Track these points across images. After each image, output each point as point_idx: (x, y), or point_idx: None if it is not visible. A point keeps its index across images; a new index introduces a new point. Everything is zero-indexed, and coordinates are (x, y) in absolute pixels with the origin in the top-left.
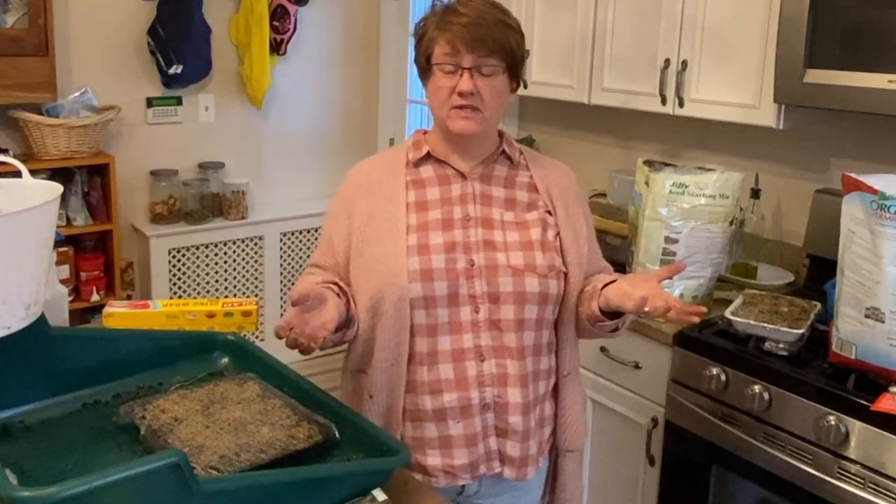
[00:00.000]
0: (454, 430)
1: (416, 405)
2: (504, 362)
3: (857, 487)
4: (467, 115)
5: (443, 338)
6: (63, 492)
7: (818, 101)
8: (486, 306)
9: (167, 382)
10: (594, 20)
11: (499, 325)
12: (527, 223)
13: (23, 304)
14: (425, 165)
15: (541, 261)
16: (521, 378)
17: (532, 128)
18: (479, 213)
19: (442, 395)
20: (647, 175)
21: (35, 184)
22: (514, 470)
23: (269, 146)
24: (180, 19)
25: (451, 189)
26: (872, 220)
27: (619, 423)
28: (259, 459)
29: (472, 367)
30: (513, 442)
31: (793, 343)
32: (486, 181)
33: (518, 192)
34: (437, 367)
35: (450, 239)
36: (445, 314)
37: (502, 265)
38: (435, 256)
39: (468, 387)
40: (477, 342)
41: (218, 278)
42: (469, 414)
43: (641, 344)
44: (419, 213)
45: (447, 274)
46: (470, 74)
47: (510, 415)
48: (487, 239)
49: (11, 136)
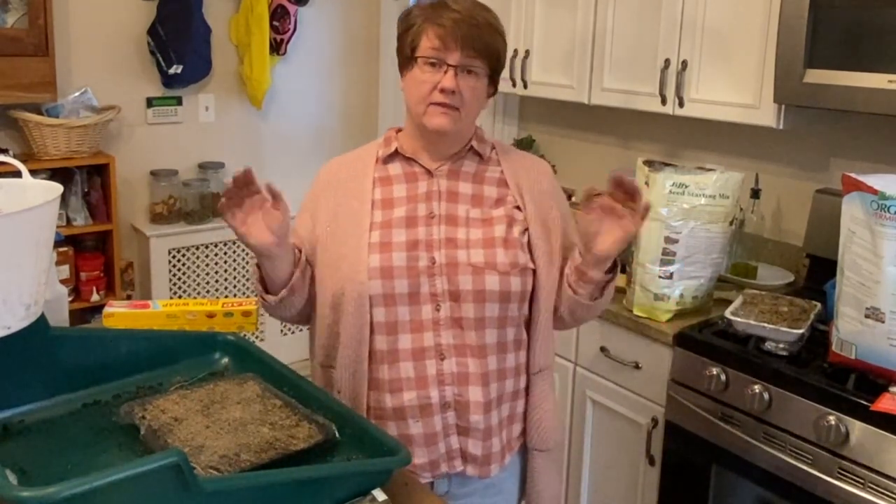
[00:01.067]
0: (414, 429)
1: (378, 403)
2: (465, 361)
3: (857, 487)
4: (445, 111)
5: (403, 336)
6: (63, 492)
7: (818, 101)
8: (447, 304)
9: (167, 382)
10: (594, 20)
11: (460, 324)
12: (492, 220)
13: (23, 304)
14: (393, 163)
15: (502, 258)
16: (482, 376)
17: (532, 128)
18: (443, 211)
19: (402, 393)
20: (647, 175)
21: (35, 184)
22: (477, 468)
23: (269, 146)
24: (180, 19)
25: (417, 186)
26: (872, 220)
27: (619, 423)
28: (259, 459)
29: (432, 366)
30: (474, 440)
31: (793, 343)
32: (454, 177)
33: (486, 188)
34: (398, 366)
35: (413, 237)
36: (406, 312)
37: (463, 263)
38: (396, 254)
39: (427, 385)
40: (437, 340)
41: (218, 278)
42: (429, 413)
43: (641, 344)
44: (384, 211)
45: (408, 272)
46: (455, 72)
47: (471, 413)
48: (450, 237)
49: (11, 136)
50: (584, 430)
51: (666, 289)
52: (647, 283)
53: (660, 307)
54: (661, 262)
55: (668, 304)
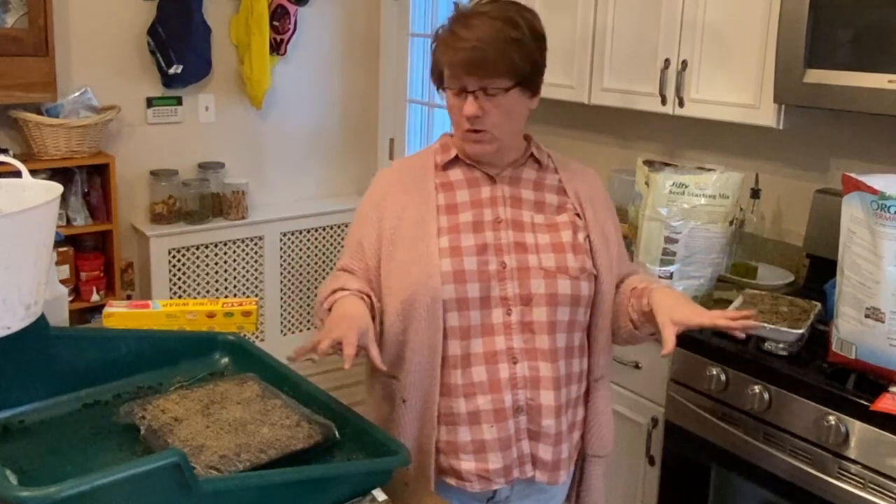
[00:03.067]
0: (488, 434)
1: (450, 409)
2: (537, 364)
3: (857, 487)
4: (478, 139)
5: (475, 340)
6: (63, 492)
7: (818, 101)
8: (518, 308)
9: (167, 382)
10: (594, 20)
11: (531, 328)
12: (557, 225)
13: (23, 304)
14: (454, 168)
15: (572, 263)
16: (553, 381)
17: (532, 128)
18: (509, 216)
19: (476, 398)
20: (647, 175)
21: (35, 184)
22: (547, 474)
23: (269, 146)
24: (180, 19)
25: (480, 191)
26: (872, 220)
27: (619, 423)
28: (259, 459)
29: (504, 370)
30: (545, 445)
31: (793, 343)
32: (515, 184)
33: (547, 195)
34: (471, 370)
35: (481, 241)
36: (478, 316)
37: (534, 267)
38: (467, 258)
39: (501, 389)
40: (509, 344)
41: (218, 278)
42: (502, 417)
43: (642, 344)
44: (450, 216)
45: (479, 276)
46: (475, 97)
47: (543, 418)
48: (518, 241)
49: (11, 136)
50: None
51: None
52: None
53: None
54: (661, 262)
55: None
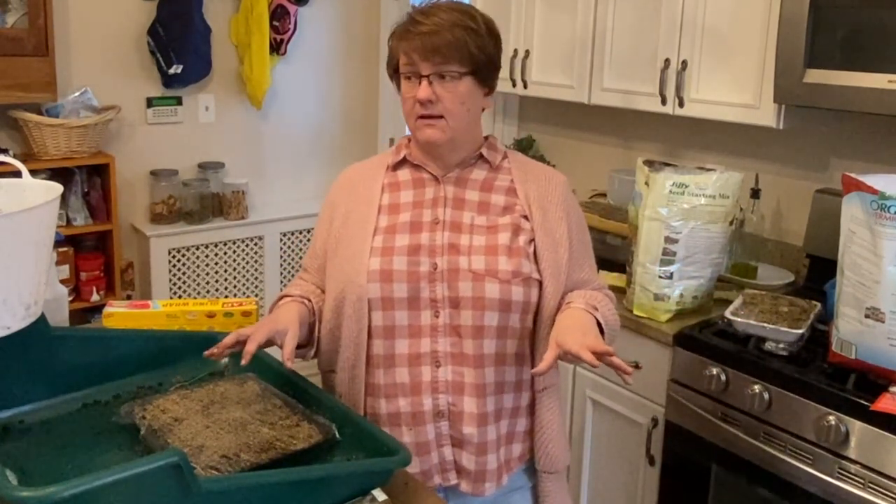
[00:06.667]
0: (406, 438)
1: (374, 409)
2: (461, 370)
3: (857, 487)
4: (430, 123)
5: (401, 341)
6: (63, 492)
7: (818, 101)
8: (446, 311)
9: (167, 382)
10: (594, 20)
11: (458, 331)
12: (497, 227)
13: (23, 304)
14: (402, 169)
15: (504, 266)
16: (477, 387)
17: (532, 128)
18: (448, 217)
19: (397, 399)
20: (647, 175)
21: (35, 184)
22: (471, 484)
23: (269, 146)
24: (180, 19)
25: (424, 192)
26: (872, 220)
27: (619, 423)
28: (259, 459)
29: (427, 373)
30: (468, 454)
31: (793, 343)
32: (461, 185)
33: (494, 196)
34: (394, 371)
35: (415, 242)
36: (405, 317)
37: (463, 269)
38: (397, 258)
39: (421, 392)
40: (434, 347)
41: (218, 278)
42: (421, 421)
43: (641, 344)
44: (390, 216)
45: (408, 276)
46: (428, 81)
47: (465, 425)
48: (453, 242)
49: (11, 136)
50: (584, 430)
51: (666, 289)
52: (647, 283)
53: (660, 307)
54: (661, 262)
55: (668, 304)
